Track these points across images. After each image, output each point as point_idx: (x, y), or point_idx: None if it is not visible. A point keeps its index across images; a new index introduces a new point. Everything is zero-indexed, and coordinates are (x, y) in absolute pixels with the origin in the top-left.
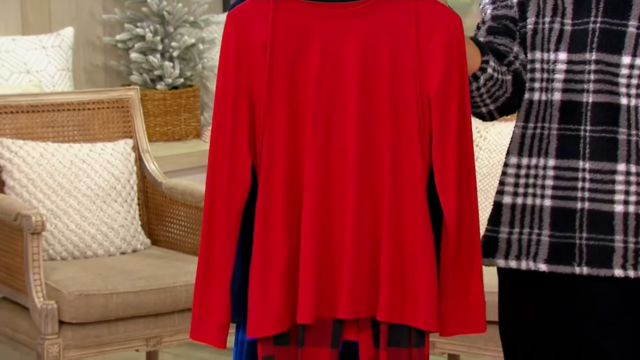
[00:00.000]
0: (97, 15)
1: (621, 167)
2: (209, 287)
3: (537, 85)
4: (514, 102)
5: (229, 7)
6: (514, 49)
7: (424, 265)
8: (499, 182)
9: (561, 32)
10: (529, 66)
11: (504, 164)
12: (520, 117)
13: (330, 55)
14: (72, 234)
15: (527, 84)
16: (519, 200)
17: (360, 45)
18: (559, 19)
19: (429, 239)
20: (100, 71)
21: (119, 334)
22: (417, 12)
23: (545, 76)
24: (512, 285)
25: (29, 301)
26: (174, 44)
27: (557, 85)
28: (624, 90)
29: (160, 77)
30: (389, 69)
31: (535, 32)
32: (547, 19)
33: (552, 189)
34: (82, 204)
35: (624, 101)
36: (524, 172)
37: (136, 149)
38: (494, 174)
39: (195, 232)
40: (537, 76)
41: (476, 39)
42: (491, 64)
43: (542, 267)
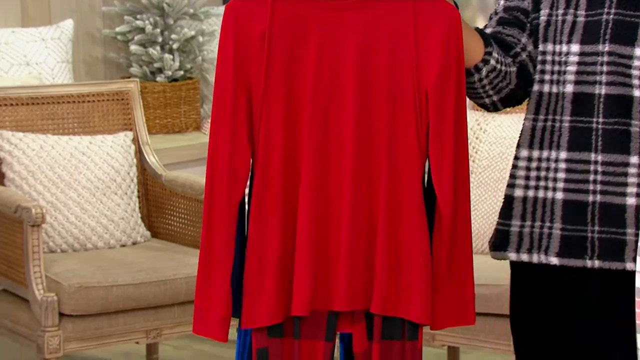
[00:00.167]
0: (97, 7)
1: (634, 159)
2: (210, 280)
3: (547, 77)
4: (518, 94)
5: None
6: (522, 40)
7: (419, 258)
8: (509, 176)
9: (574, 23)
10: (539, 58)
11: (514, 156)
12: (530, 110)
13: (328, 47)
14: (72, 226)
15: (536, 76)
16: (531, 193)
17: (358, 37)
18: (572, 11)
19: (424, 232)
20: (100, 63)
21: (119, 327)
22: (415, 6)
23: (556, 68)
24: (524, 278)
25: (29, 293)
26: (173, 36)
27: (569, 77)
28: (637, 82)
29: (160, 70)
30: (387, 62)
31: (548, 23)
32: (560, 11)
33: (563, 181)
34: (82, 197)
35: (636, 93)
36: (535, 164)
37: (136, 141)
38: (494, 167)
39: (195, 225)
40: (547, 68)
41: (481, 30)
42: (494, 55)
43: (554, 260)
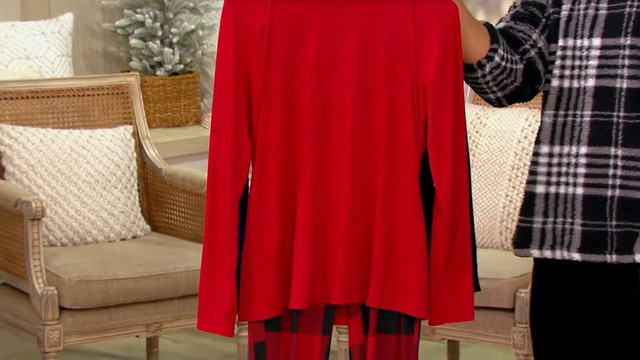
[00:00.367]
0: (97, 1)
1: None
2: (214, 275)
3: (567, 72)
4: (524, 91)
5: None
6: (533, 36)
7: (415, 252)
8: (529, 172)
9: (595, 17)
10: (559, 53)
11: (533, 153)
12: (549, 106)
13: (327, 42)
14: (72, 220)
15: (556, 72)
16: (552, 189)
17: (357, 32)
18: (594, 4)
19: (420, 226)
20: (99, 57)
21: (119, 320)
22: (415, 1)
23: (577, 63)
24: (547, 274)
25: (29, 287)
26: (173, 30)
27: (591, 71)
28: None
29: (160, 64)
30: (386, 57)
31: (569, 18)
32: (582, 5)
33: (584, 176)
34: (82, 190)
35: None
36: (556, 160)
37: (136, 135)
38: (494, 160)
39: (195, 219)
40: (568, 63)
41: (490, 26)
42: (500, 52)
43: (576, 256)
